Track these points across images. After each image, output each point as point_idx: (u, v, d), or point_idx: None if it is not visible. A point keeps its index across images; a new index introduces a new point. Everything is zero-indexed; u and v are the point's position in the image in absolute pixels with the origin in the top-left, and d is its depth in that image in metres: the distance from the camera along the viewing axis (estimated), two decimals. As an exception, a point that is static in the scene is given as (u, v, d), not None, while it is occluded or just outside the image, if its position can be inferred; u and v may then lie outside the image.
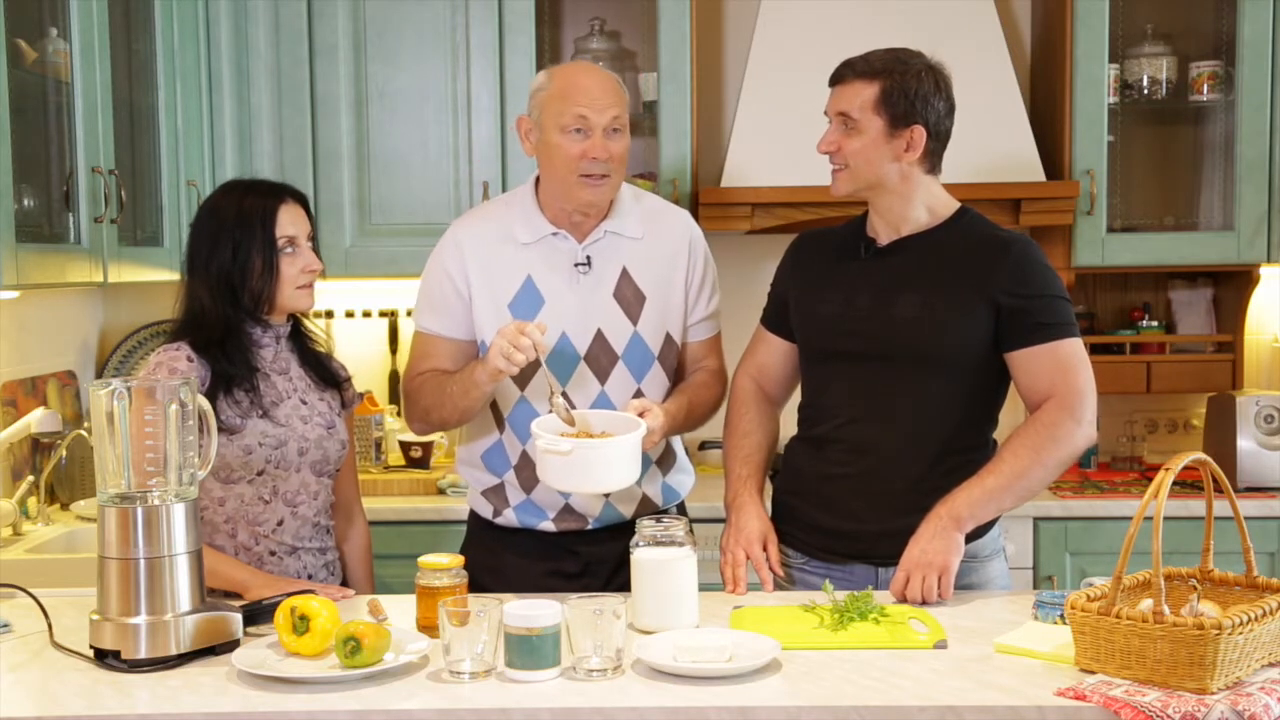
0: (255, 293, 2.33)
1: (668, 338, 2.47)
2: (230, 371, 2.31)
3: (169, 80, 3.36)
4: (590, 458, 2.18)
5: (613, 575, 2.45)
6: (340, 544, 2.53)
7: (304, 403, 2.40)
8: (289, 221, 2.35)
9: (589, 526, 2.48)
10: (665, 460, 2.54)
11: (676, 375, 2.53)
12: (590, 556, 2.49)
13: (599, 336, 2.42)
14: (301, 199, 2.42)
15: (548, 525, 2.47)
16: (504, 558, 2.49)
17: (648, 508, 2.50)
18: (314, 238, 2.42)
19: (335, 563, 2.50)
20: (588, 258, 2.43)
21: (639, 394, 2.43)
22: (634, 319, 2.44)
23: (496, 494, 2.51)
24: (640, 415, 2.27)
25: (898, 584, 2.21)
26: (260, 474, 2.34)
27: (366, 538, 2.61)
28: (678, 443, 2.59)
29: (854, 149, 2.29)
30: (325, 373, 2.47)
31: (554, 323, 2.39)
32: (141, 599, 1.91)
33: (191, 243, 2.39)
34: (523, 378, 2.40)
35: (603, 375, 2.42)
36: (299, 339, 2.46)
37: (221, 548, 2.33)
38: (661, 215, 2.53)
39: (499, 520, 2.51)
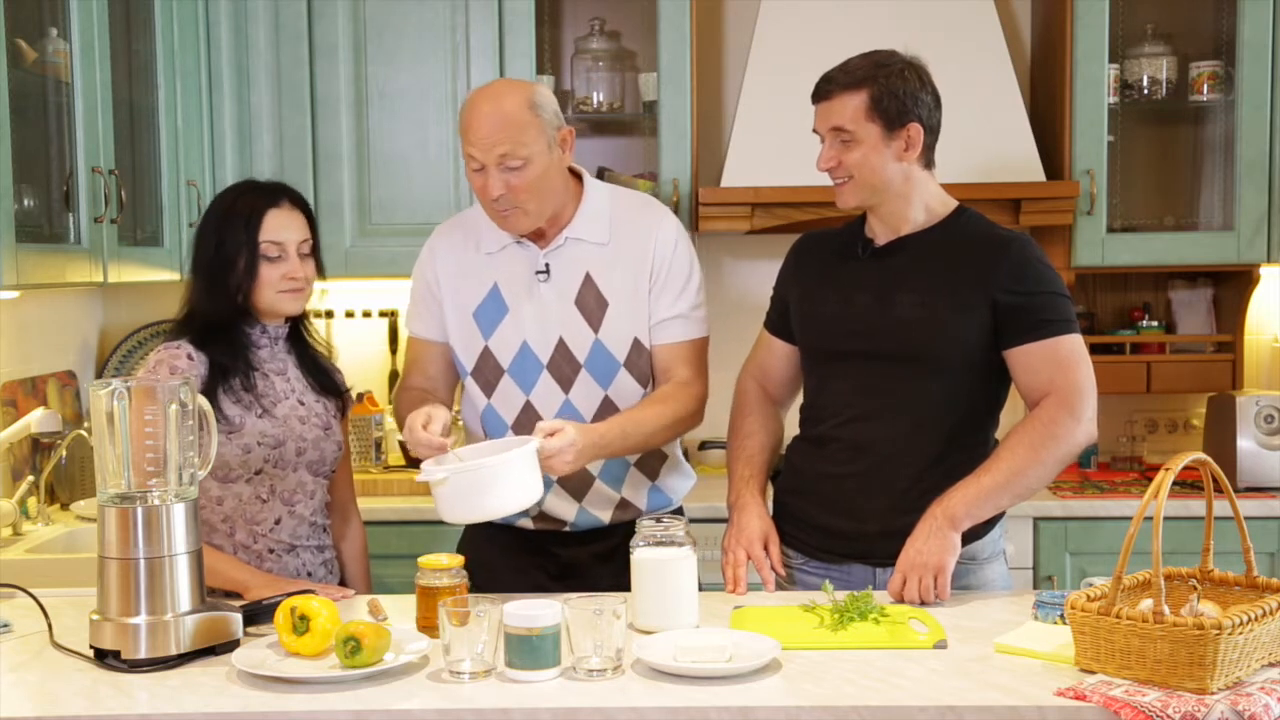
0: (234, 290, 2.34)
1: (635, 343, 2.41)
2: (225, 363, 2.31)
3: (169, 80, 3.36)
4: (467, 483, 2.10)
5: (593, 581, 2.39)
6: (337, 544, 2.54)
7: (301, 403, 2.41)
8: (277, 226, 2.34)
9: (566, 529, 2.46)
10: (651, 465, 2.49)
11: (657, 382, 2.46)
12: (569, 559, 2.47)
13: (560, 345, 2.39)
14: (302, 205, 2.41)
15: (526, 523, 2.47)
16: (491, 553, 2.49)
17: (630, 513, 2.46)
18: (315, 245, 2.41)
19: (334, 561, 2.50)
20: (546, 265, 2.40)
21: (606, 401, 2.41)
22: (595, 326, 2.39)
23: None
24: (551, 435, 2.16)
25: (894, 586, 2.21)
26: (258, 473, 2.34)
27: (362, 538, 2.62)
28: (675, 446, 2.54)
29: (855, 160, 2.29)
30: (327, 381, 2.47)
31: (515, 332, 2.40)
32: (141, 599, 1.92)
33: (194, 238, 2.43)
34: (487, 385, 2.42)
35: (566, 384, 2.40)
36: (299, 343, 2.46)
37: (220, 547, 2.33)
38: (634, 216, 2.45)
39: None
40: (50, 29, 2.84)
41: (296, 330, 2.46)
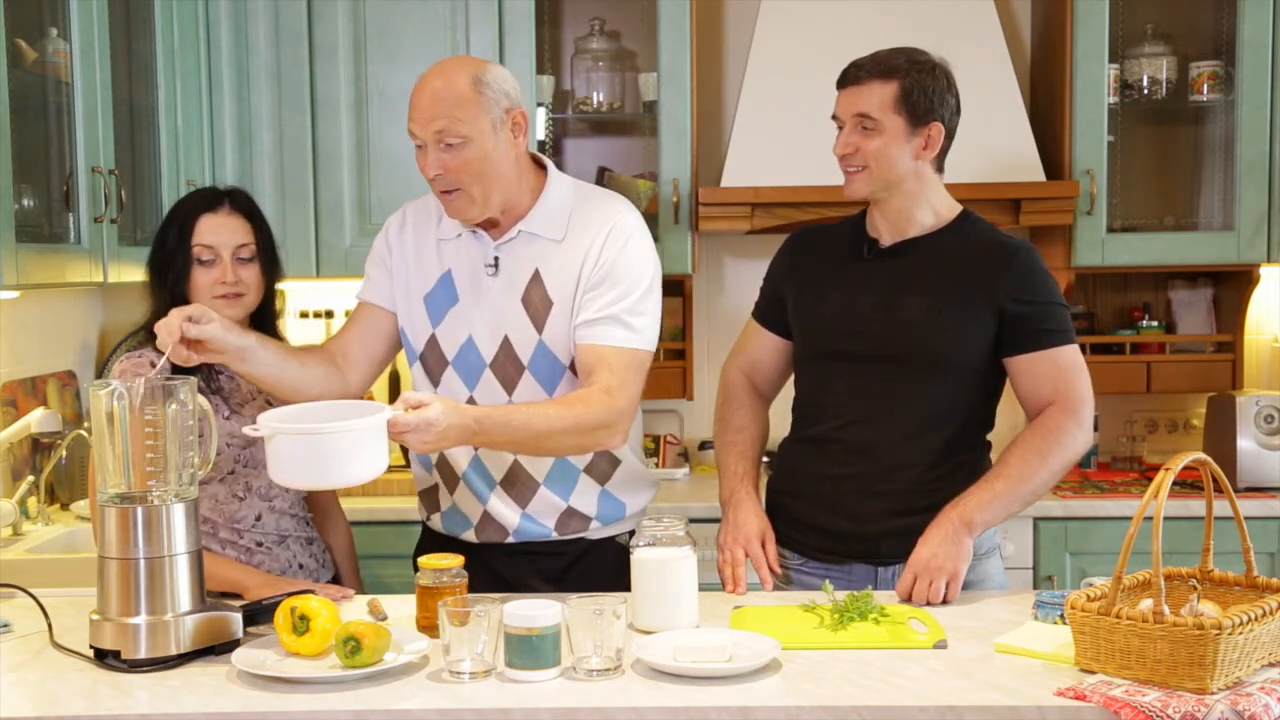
0: (175, 292, 2.34)
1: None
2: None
3: (169, 80, 3.36)
4: (298, 446, 1.95)
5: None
6: (324, 542, 2.53)
7: (269, 403, 2.39)
8: (209, 230, 2.34)
9: (509, 540, 2.36)
10: (601, 469, 2.37)
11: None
12: (512, 577, 2.35)
13: (505, 344, 2.29)
14: (247, 209, 2.39)
15: (469, 535, 2.38)
16: None
17: (577, 525, 2.36)
18: (262, 250, 2.38)
19: (325, 555, 2.50)
20: (495, 259, 2.30)
21: None
22: (539, 327, 2.27)
23: (429, 496, 2.46)
24: (417, 407, 2.00)
25: (904, 585, 2.21)
26: (231, 473, 2.34)
27: (348, 536, 2.62)
28: (628, 451, 2.38)
29: (874, 149, 2.28)
30: None
31: (462, 324, 2.32)
32: (141, 599, 1.91)
33: None
34: (432, 375, 2.36)
35: (509, 385, 2.30)
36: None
37: (206, 548, 2.32)
38: (590, 211, 2.31)
39: (431, 524, 2.47)
40: (50, 29, 2.84)
41: (265, 335, 2.45)
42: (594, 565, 2.36)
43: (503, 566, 2.37)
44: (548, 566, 2.37)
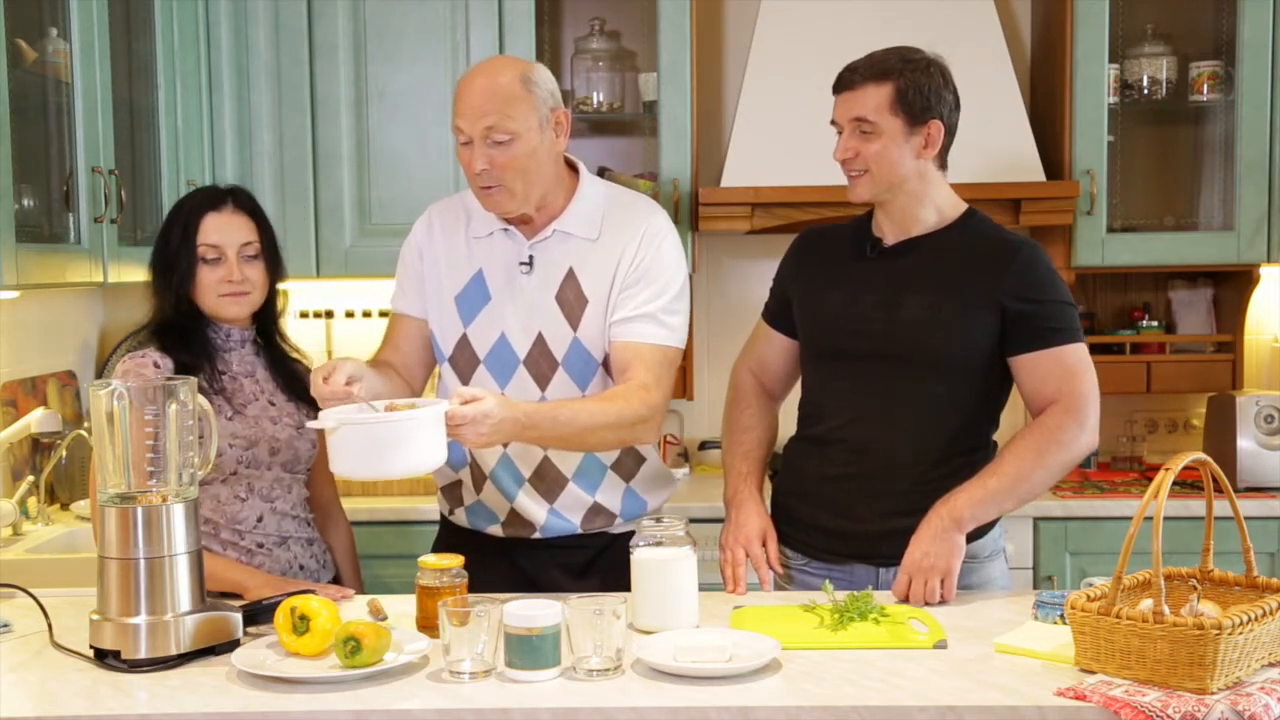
0: (176, 293, 2.34)
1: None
2: (190, 365, 2.31)
3: (169, 80, 3.36)
4: (360, 437, 1.97)
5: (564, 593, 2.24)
6: (325, 543, 2.53)
7: (272, 404, 2.40)
8: (214, 229, 2.34)
9: (536, 535, 2.38)
10: (626, 466, 2.41)
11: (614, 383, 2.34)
12: (536, 572, 2.38)
13: (539, 341, 2.32)
14: (250, 208, 2.39)
15: (496, 530, 2.40)
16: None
17: (603, 521, 2.39)
18: (265, 248, 2.38)
19: (325, 555, 2.50)
20: (530, 257, 2.33)
21: None
22: (574, 324, 2.31)
23: (451, 492, 2.46)
24: (469, 402, 2.04)
25: (900, 587, 2.21)
26: (233, 474, 2.34)
27: (350, 537, 2.62)
28: (650, 449, 2.44)
29: (873, 152, 2.27)
30: (301, 389, 2.42)
31: (495, 322, 2.34)
32: (141, 599, 1.91)
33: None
34: (463, 374, 2.37)
35: (543, 381, 2.32)
36: (271, 348, 2.45)
37: (206, 548, 2.32)
38: (623, 212, 2.36)
39: (453, 519, 2.48)
40: (50, 29, 2.84)
41: (268, 334, 2.45)
42: (615, 559, 2.35)
43: (526, 560, 2.40)
44: (570, 560, 2.40)
